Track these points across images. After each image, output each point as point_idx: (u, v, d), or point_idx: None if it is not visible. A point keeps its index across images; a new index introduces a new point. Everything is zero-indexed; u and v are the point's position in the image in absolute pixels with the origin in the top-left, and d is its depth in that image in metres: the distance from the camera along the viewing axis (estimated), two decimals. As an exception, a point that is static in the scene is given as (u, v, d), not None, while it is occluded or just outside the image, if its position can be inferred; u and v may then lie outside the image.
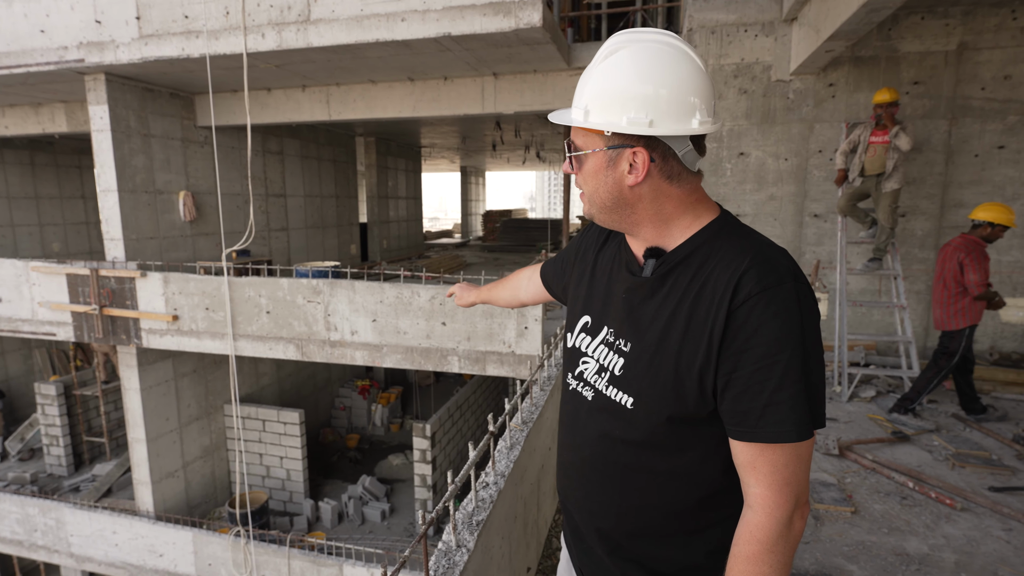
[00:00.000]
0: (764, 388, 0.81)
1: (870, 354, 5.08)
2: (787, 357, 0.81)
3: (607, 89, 0.89)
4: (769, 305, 0.82)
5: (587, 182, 0.95)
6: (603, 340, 1.02)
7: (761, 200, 5.30)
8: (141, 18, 6.11)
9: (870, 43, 4.83)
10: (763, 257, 0.86)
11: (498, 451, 2.18)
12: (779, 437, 0.81)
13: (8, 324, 7.60)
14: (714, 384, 0.86)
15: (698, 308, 0.87)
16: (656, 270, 0.94)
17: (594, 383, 1.03)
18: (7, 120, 8.97)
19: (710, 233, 0.93)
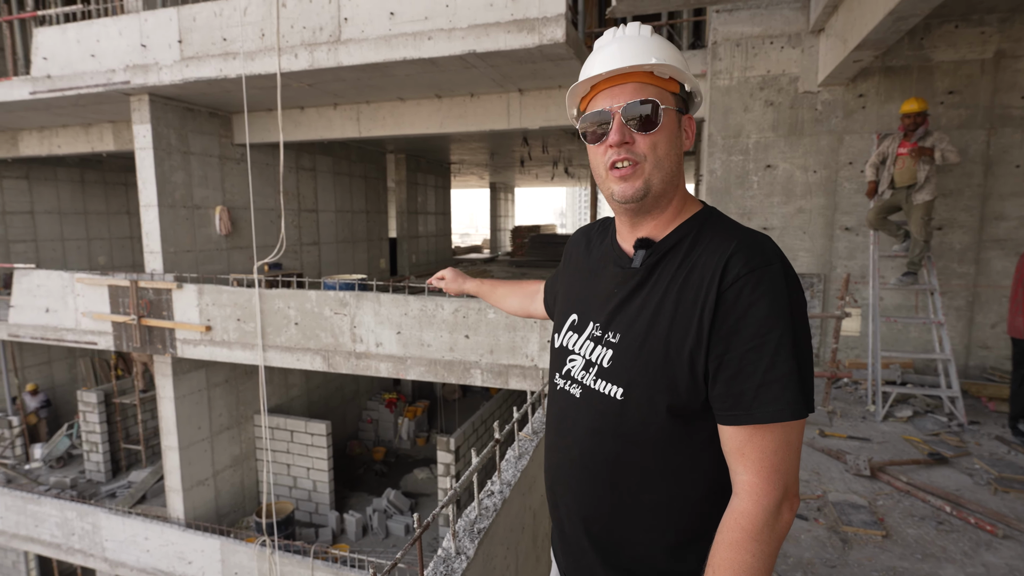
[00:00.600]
0: (757, 368, 0.81)
1: (907, 372, 4.88)
2: (778, 336, 0.81)
3: (673, 55, 0.92)
4: (758, 285, 0.82)
5: (660, 144, 0.91)
6: (589, 336, 1.00)
7: (789, 213, 5.19)
8: (183, 41, 6.42)
9: (901, 52, 4.72)
10: (749, 241, 0.88)
11: (506, 460, 2.16)
12: (773, 416, 0.80)
13: (54, 333, 7.96)
14: (705, 368, 0.85)
15: (686, 293, 0.87)
16: (645, 260, 0.95)
17: (581, 379, 1.00)
18: (60, 139, 9.48)
19: (696, 223, 0.95)
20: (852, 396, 4.67)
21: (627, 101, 0.90)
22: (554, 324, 1.13)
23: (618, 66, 0.90)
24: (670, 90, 0.93)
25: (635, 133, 0.90)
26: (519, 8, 5.14)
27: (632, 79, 0.91)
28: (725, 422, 0.85)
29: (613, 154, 0.91)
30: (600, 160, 0.95)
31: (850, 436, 3.82)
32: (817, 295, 5.14)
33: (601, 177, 0.96)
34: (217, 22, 6.23)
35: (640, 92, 0.90)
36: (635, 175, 0.91)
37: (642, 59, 0.90)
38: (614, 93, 0.92)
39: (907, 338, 5.03)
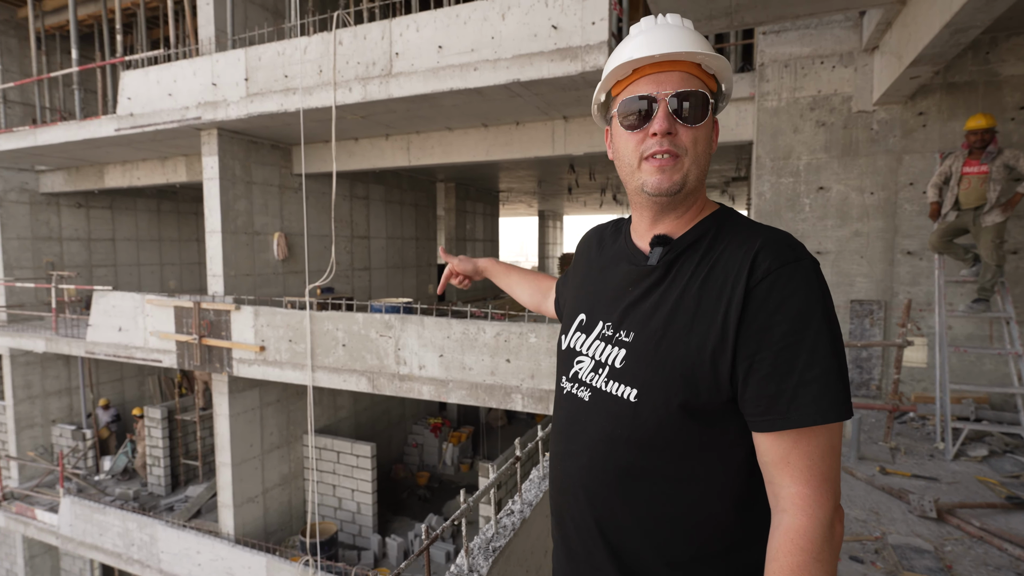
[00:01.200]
0: (793, 367, 0.75)
1: (982, 407, 4.49)
2: (814, 333, 0.76)
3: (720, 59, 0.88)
4: (790, 280, 0.78)
5: (701, 140, 0.87)
6: (599, 335, 0.95)
7: (845, 236, 4.95)
8: (249, 79, 6.88)
9: (964, 68, 4.49)
10: (775, 236, 0.83)
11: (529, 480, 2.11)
12: (816, 418, 0.74)
13: (124, 351, 8.49)
14: (732, 369, 0.79)
15: (708, 289, 0.83)
16: (663, 257, 0.90)
17: (590, 381, 0.94)
18: (140, 172, 10.29)
19: (716, 220, 0.91)
20: (918, 432, 4.33)
21: (676, 89, 0.85)
22: (562, 325, 1.09)
23: (670, 50, 0.85)
24: (710, 87, 0.89)
25: (679, 124, 0.86)
26: (562, 38, 5.24)
27: (679, 67, 0.86)
28: (762, 428, 0.78)
29: (654, 144, 0.86)
30: (634, 149, 0.89)
31: (915, 475, 3.53)
32: (877, 322, 4.84)
33: (631, 167, 0.91)
34: (280, 60, 6.66)
35: (688, 82, 0.86)
36: (675, 168, 0.86)
37: (693, 47, 0.85)
38: (660, 79, 0.86)
39: (981, 371, 4.64)
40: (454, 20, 5.69)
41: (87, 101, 12.07)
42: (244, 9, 8.13)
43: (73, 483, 10.39)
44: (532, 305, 1.47)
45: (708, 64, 0.88)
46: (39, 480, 10.50)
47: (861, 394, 4.97)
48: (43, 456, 11.02)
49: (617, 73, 0.91)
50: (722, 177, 13.02)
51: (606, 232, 1.11)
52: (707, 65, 0.88)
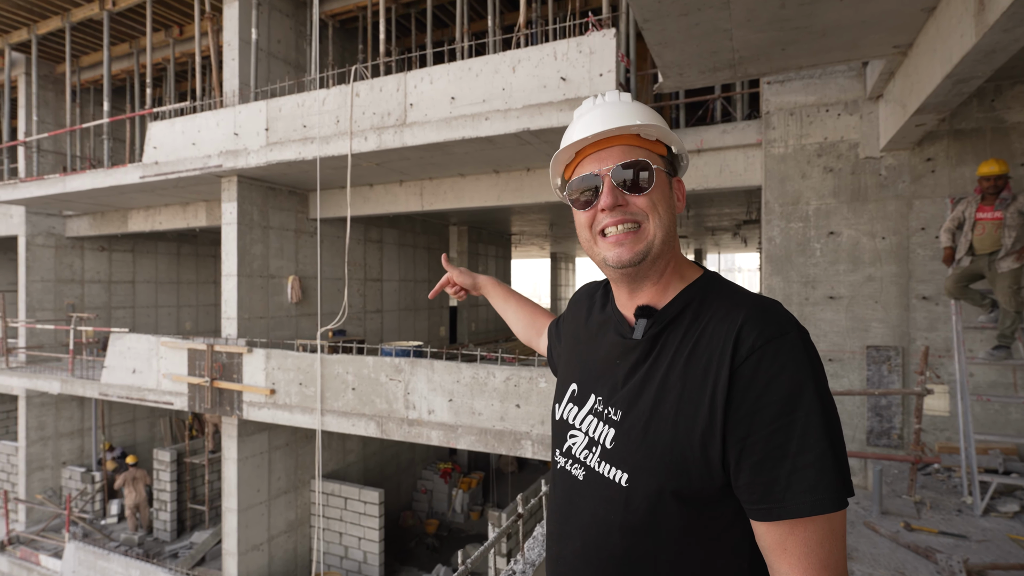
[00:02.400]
0: (785, 453, 0.72)
1: (1010, 459, 4.30)
2: (805, 413, 0.72)
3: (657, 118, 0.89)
4: (776, 357, 0.75)
5: (658, 205, 0.87)
6: (591, 410, 0.92)
7: (858, 281, 4.90)
8: (269, 129, 7.15)
9: (971, 115, 4.52)
10: (760, 308, 0.80)
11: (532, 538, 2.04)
12: (812, 508, 0.71)
13: (137, 393, 8.54)
14: (723, 454, 0.76)
15: (693, 368, 0.80)
16: (648, 330, 0.87)
17: (584, 459, 0.91)
18: (162, 216, 10.59)
19: (699, 288, 0.89)
20: (944, 485, 4.16)
21: (616, 163, 0.87)
22: (556, 393, 1.05)
23: (603, 128, 0.87)
24: (658, 152, 0.90)
25: (627, 195, 0.86)
26: (570, 88, 5.39)
27: (619, 142, 0.88)
28: (757, 517, 0.75)
29: (605, 218, 0.87)
30: (588, 226, 0.90)
31: (942, 532, 3.37)
32: (895, 369, 4.72)
33: (589, 243, 0.91)
34: (299, 112, 6.92)
35: (629, 154, 0.87)
36: (637, 238, 0.85)
37: (627, 120, 0.87)
38: (601, 157, 0.88)
39: (1007, 420, 4.48)
40: (466, 73, 5.90)
41: (115, 150, 12.58)
42: (267, 63, 8.52)
43: (79, 527, 10.28)
44: (524, 338, 1.44)
45: (647, 132, 0.88)
46: (45, 524, 10.41)
47: (883, 444, 4.81)
48: (51, 499, 10.95)
49: (563, 158, 0.95)
50: (733, 220, 13.07)
51: (597, 294, 1.09)
52: (646, 134, 0.88)
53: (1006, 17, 2.43)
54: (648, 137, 0.89)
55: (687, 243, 18.49)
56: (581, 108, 0.95)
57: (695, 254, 20.87)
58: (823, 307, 4.99)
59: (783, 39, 3.56)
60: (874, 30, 3.46)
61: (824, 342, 4.98)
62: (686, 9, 3.17)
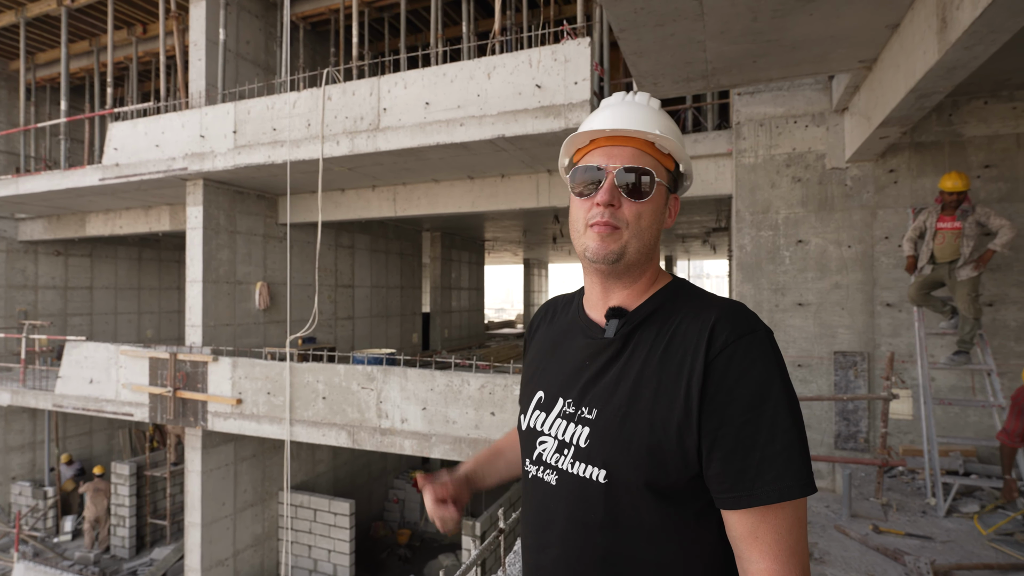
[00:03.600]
0: (755, 442, 0.76)
1: (970, 461, 4.45)
2: (773, 405, 0.76)
3: (675, 133, 0.91)
4: (748, 353, 0.79)
5: (645, 215, 0.88)
6: (560, 413, 0.92)
7: (825, 288, 5.02)
8: (237, 132, 6.96)
9: (930, 128, 4.70)
10: (730, 308, 0.84)
11: (514, 552, 2.00)
12: (782, 494, 0.74)
13: (95, 404, 8.18)
14: (698, 445, 0.78)
15: (668, 363, 0.82)
16: (620, 329, 0.89)
17: (556, 463, 0.90)
18: (122, 220, 10.21)
19: (669, 292, 0.92)
20: (909, 487, 4.28)
21: (623, 164, 0.88)
22: (520, 401, 1.04)
23: (623, 126, 0.88)
24: (665, 165, 0.92)
25: (623, 198, 0.88)
26: (545, 96, 5.41)
27: (632, 143, 0.89)
28: (727, 505, 0.78)
29: (597, 214, 0.88)
30: (582, 215, 0.91)
31: (909, 533, 3.45)
32: (861, 374, 4.85)
33: (579, 232, 0.92)
34: (269, 114, 6.77)
35: (638, 159, 0.88)
36: (613, 238, 0.87)
37: (647, 127, 0.88)
38: (612, 152, 0.89)
39: (966, 423, 4.64)
40: (441, 78, 5.87)
41: (73, 151, 12.10)
42: (235, 65, 8.33)
43: (30, 546, 9.77)
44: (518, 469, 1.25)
45: (660, 144, 0.90)
46: (-7, 543, 9.87)
47: (850, 447, 4.93)
48: (-1, 517, 10.39)
49: (577, 141, 0.95)
50: (703, 228, 13.31)
51: (558, 305, 1.10)
52: (660, 145, 0.90)
53: (967, 35, 2.53)
54: (661, 149, 0.91)
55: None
56: (611, 99, 0.97)
57: (666, 260, 21.20)
58: (792, 314, 5.09)
59: (755, 51, 3.63)
60: (841, 45, 3.56)
61: (793, 348, 5.08)
62: (662, 20, 3.20)
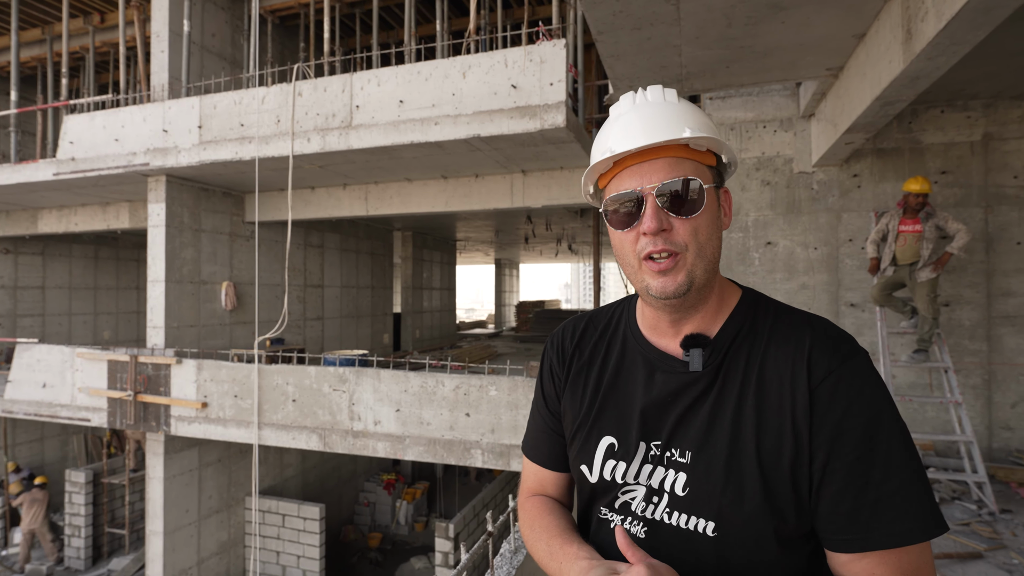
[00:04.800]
0: (870, 480, 0.68)
1: (928, 455, 4.65)
2: (887, 437, 0.69)
3: (706, 121, 0.79)
4: (854, 380, 0.71)
5: (702, 229, 0.76)
6: (645, 458, 0.81)
7: (793, 289, 5.17)
8: (203, 127, 6.75)
9: (891, 135, 4.88)
10: (823, 328, 0.77)
11: (500, 555, 1.99)
12: (904, 538, 0.66)
13: (48, 409, 7.81)
14: (808, 481, 0.71)
15: (766, 396, 0.74)
16: (708, 360, 0.79)
17: (644, 513, 0.80)
18: (78, 217, 9.79)
19: (748, 308, 0.82)
20: (872, 481, 4.43)
21: (661, 181, 0.75)
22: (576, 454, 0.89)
23: (647, 140, 0.75)
24: (707, 163, 0.79)
25: (672, 218, 0.75)
26: (521, 96, 5.41)
27: (665, 153, 0.76)
28: (840, 548, 0.70)
29: (648, 244, 0.75)
30: (630, 249, 0.78)
31: (874, 526, 3.58)
32: (827, 373, 5.00)
33: (632, 268, 0.79)
34: (236, 109, 6.59)
35: (676, 169, 0.76)
36: (676, 268, 0.75)
37: (675, 132, 0.75)
38: (644, 170, 0.76)
39: (924, 418, 4.83)
40: (415, 76, 5.81)
41: (24, 144, 11.55)
42: (200, 57, 8.07)
43: (-24, 560, 9.28)
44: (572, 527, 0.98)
45: (696, 144, 0.77)
46: (-65, 558, 9.33)
47: (815, 443, 5.07)
48: (-58, 529, 9.83)
49: (599, 168, 0.82)
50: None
51: (588, 329, 0.95)
52: (696, 144, 0.77)
53: (931, 46, 2.63)
54: (698, 147, 0.78)
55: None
56: (620, 106, 0.83)
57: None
58: (761, 314, 5.22)
59: (728, 57, 3.71)
60: (810, 53, 3.67)
61: (762, 347, 5.21)
62: (639, 24, 3.24)
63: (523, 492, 1.03)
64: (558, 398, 0.96)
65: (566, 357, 0.95)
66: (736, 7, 3.03)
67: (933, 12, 2.50)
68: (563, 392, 0.94)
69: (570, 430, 0.91)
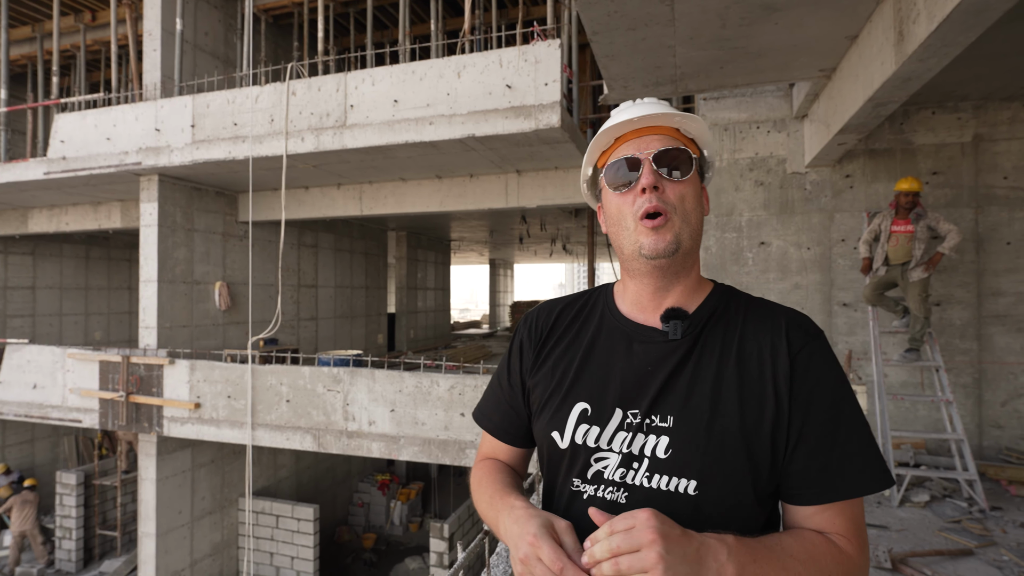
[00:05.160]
0: (837, 438, 0.78)
1: (919, 453, 4.69)
2: (849, 404, 0.80)
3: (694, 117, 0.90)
4: (822, 354, 0.82)
5: (688, 197, 0.86)
6: (622, 425, 0.84)
7: (786, 289, 5.20)
8: (195, 126, 6.72)
9: (883, 136, 4.92)
10: (794, 312, 0.88)
11: (496, 554, 2.00)
12: (865, 488, 0.77)
13: (39, 410, 7.74)
14: (785, 443, 0.79)
15: (746, 365, 0.82)
16: (687, 331, 0.86)
17: (624, 479, 0.82)
18: (69, 217, 9.71)
19: (722, 295, 0.91)
20: (865, 479, 4.47)
21: (658, 148, 0.86)
22: (546, 420, 0.91)
23: (648, 112, 0.88)
24: (692, 150, 0.90)
25: (665, 180, 0.85)
26: (516, 96, 5.41)
27: (659, 131, 0.88)
28: (807, 501, 0.79)
29: (645, 201, 0.84)
30: (629, 209, 0.86)
31: (867, 523, 3.60)
32: (820, 372, 5.04)
33: (628, 229, 0.87)
34: (229, 108, 6.55)
35: (669, 142, 0.87)
36: (666, 227, 0.84)
37: (669, 118, 0.88)
38: (641, 143, 0.88)
39: (916, 417, 4.88)
40: (410, 76, 5.80)
41: (14, 142, 11.44)
42: (193, 56, 8.03)
43: (-35, 563, 9.18)
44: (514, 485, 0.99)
45: (686, 128, 0.90)
46: (-77, 561, 9.23)
47: (808, 442, 5.11)
48: (-69, 532, 9.73)
49: (601, 143, 0.92)
50: (666, 229, 13.56)
51: (564, 313, 1.00)
52: (685, 130, 0.90)
53: (922, 48, 2.65)
54: (687, 134, 0.91)
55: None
56: (621, 107, 0.95)
57: (629, 261, 21.55)
58: (755, 313, 5.25)
59: (722, 58, 3.72)
60: (803, 54, 3.69)
61: (756, 347, 5.24)
62: (634, 24, 3.25)
63: (477, 457, 1.10)
64: (520, 373, 1.00)
65: (539, 334, 1.00)
66: (730, 8, 3.05)
67: (925, 14, 2.52)
68: (530, 368, 0.98)
69: (540, 402, 0.94)
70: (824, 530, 0.79)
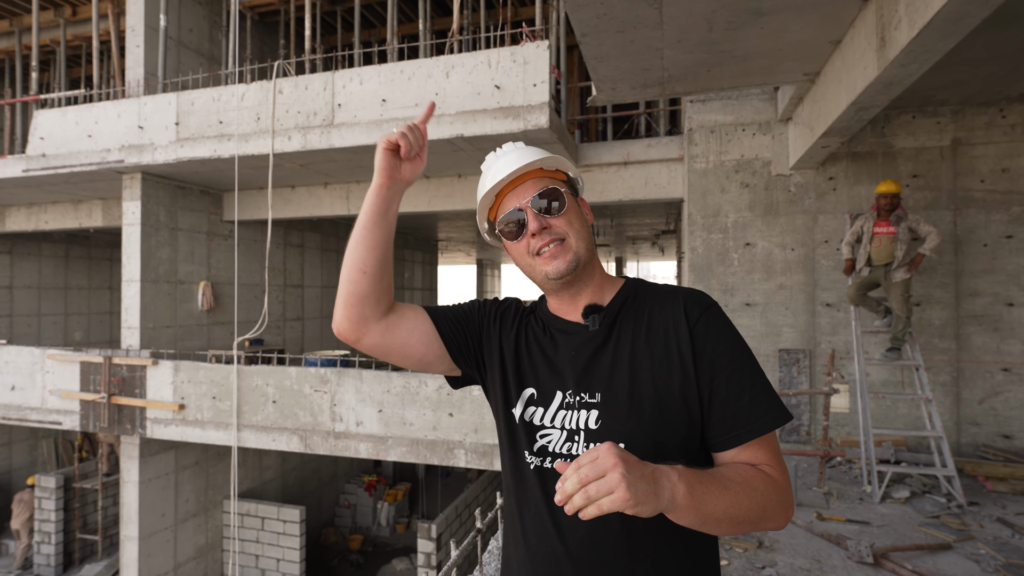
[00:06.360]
0: (743, 386, 0.91)
1: (900, 450, 4.78)
2: (747, 356, 0.94)
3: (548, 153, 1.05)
4: (717, 318, 0.96)
5: (574, 220, 1.02)
6: (562, 405, 0.99)
7: (771, 289, 5.27)
8: (180, 123, 6.63)
9: (865, 140, 5.01)
10: (690, 290, 1.02)
11: (488, 552, 2.00)
12: (775, 422, 0.90)
13: (17, 412, 7.59)
14: (698, 400, 0.92)
15: (654, 340, 0.96)
16: (603, 321, 1.01)
17: (567, 451, 0.96)
18: (48, 215, 9.52)
19: (632, 287, 1.06)
20: (847, 476, 4.54)
21: (532, 194, 1.01)
22: (501, 400, 1.06)
23: (514, 168, 1.01)
24: (560, 179, 1.06)
25: (548, 218, 1.00)
26: (504, 97, 5.43)
27: (528, 177, 1.03)
28: (729, 445, 0.91)
29: (537, 241, 1.00)
30: (524, 251, 1.02)
31: (849, 519, 3.67)
32: (804, 371, 5.12)
33: (530, 266, 1.03)
34: (214, 106, 6.48)
35: (540, 185, 1.02)
36: (564, 250, 0.99)
37: (530, 159, 1.01)
38: (518, 193, 1.02)
39: (896, 415, 4.97)
40: (398, 75, 5.79)
41: (-9, 139, 11.19)
42: (177, 53, 7.93)
43: (-60, 569, 8.97)
44: (367, 294, 1.04)
45: (547, 165, 1.05)
46: None
47: (793, 440, 5.19)
48: (-97, 538, 9.48)
49: (486, 203, 1.08)
50: (652, 230, 13.68)
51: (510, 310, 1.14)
52: (547, 166, 1.05)
53: (904, 54, 2.72)
54: (549, 168, 1.06)
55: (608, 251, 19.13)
56: (487, 161, 1.10)
57: (616, 262, 21.65)
58: (741, 313, 5.32)
59: (709, 61, 3.77)
60: (788, 58, 3.75)
61: (741, 346, 5.30)
62: (622, 27, 3.28)
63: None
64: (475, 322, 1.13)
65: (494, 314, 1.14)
66: (717, 12, 3.09)
67: (906, 21, 2.58)
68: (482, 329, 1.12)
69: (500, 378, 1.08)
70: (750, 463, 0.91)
